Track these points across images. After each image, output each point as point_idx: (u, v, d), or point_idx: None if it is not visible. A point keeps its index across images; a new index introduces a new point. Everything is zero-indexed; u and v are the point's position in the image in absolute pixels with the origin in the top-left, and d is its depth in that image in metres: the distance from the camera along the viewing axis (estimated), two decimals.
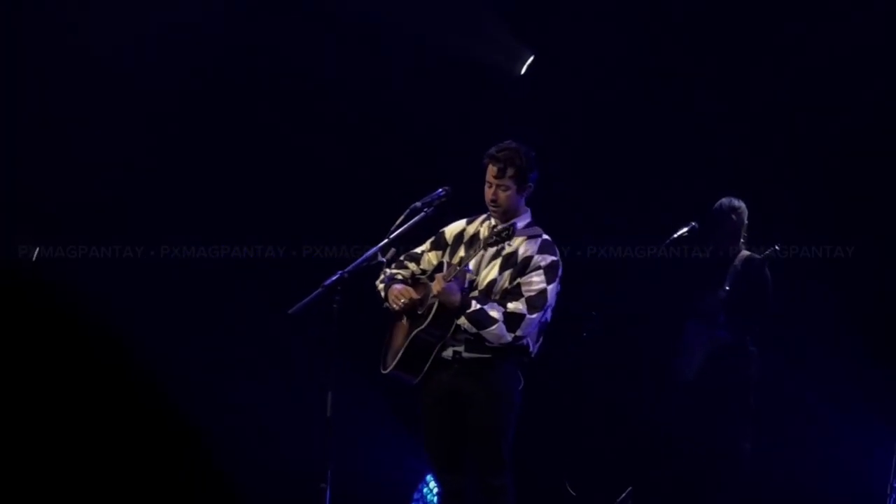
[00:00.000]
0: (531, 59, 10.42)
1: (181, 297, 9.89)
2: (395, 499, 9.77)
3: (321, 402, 6.88)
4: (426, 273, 7.12)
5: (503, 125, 9.65)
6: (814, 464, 9.71)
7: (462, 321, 6.80)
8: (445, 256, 7.09)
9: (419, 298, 6.96)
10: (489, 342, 6.82)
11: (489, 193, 7.00)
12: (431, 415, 7.00)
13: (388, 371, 7.02)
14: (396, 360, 6.96)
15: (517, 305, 6.82)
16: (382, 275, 7.14)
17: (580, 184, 10.18)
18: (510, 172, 6.94)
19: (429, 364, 6.91)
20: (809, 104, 10.06)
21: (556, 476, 9.81)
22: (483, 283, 6.93)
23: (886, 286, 9.91)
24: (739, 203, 9.61)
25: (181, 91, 9.92)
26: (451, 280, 6.81)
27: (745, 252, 9.59)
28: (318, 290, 6.86)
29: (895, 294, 9.87)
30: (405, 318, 7.01)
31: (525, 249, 6.94)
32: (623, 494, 9.48)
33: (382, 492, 9.72)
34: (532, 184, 7.02)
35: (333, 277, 6.86)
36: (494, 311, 6.81)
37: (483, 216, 7.15)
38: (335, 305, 6.86)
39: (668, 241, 9.40)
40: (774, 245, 9.36)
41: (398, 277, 7.11)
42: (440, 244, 7.17)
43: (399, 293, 7.00)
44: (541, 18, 10.36)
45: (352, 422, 8.07)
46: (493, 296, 6.89)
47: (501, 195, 6.96)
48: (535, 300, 6.85)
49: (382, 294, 7.10)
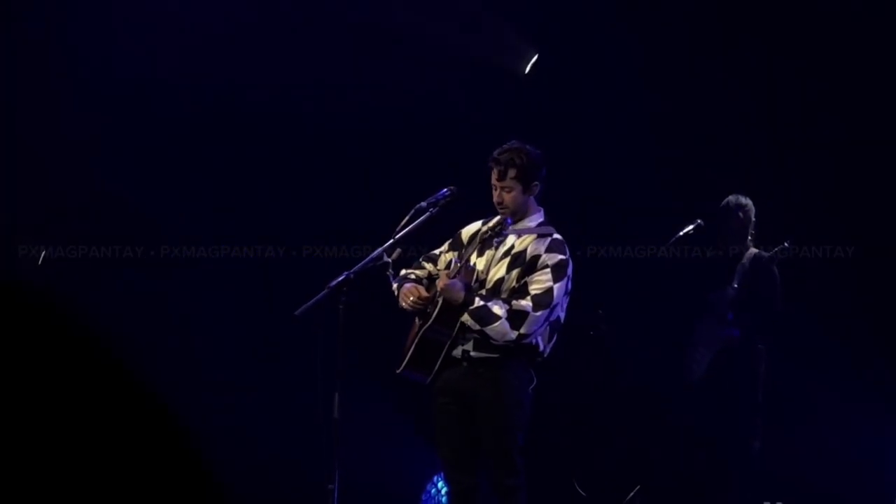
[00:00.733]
0: (535, 58, 10.42)
1: (181, 297, 9.90)
2: (403, 499, 9.77)
3: (328, 403, 6.87)
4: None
5: (509, 124, 9.64)
6: (823, 461, 9.69)
7: (465, 318, 6.80)
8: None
9: (428, 297, 6.96)
10: (493, 339, 6.81)
11: (495, 196, 7.01)
12: (441, 414, 6.99)
13: (400, 370, 7.02)
14: (407, 359, 6.97)
15: (522, 303, 6.82)
16: (401, 275, 7.15)
17: (588, 182, 10.18)
18: (512, 174, 6.93)
19: (440, 362, 6.91)
20: (810, 103, 10.03)
21: (566, 475, 9.80)
22: (491, 282, 6.94)
23: (888, 284, 9.89)
24: (746, 200, 9.60)
25: (181, 91, 9.93)
26: (455, 277, 6.81)
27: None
28: (324, 292, 6.86)
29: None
30: (417, 318, 7.02)
31: (534, 248, 6.94)
32: (632, 493, 9.47)
33: (390, 492, 9.72)
34: (539, 182, 7.01)
35: (339, 278, 6.85)
36: (498, 308, 6.81)
37: (498, 217, 7.14)
38: (341, 306, 6.86)
39: (674, 239, 9.40)
40: (784, 242, 9.35)
41: (411, 277, 7.12)
42: (457, 245, 7.18)
43: (408, 292, 7.00)
44: (544, 16, 10.35)
45: (359, 422, 8.07)
46: (501, 294, 6.89)
47: (506, 197, 6.97)
48: (541, 298, 6.84)
49: (396, 294, 7.10)
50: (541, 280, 6.88)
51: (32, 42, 9.83)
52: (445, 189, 7.08)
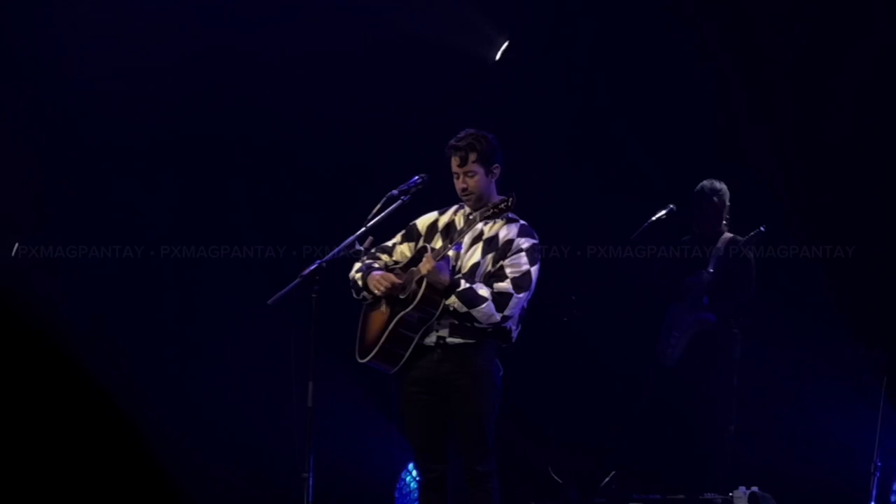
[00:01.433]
0: (506, 45, 10.42)
1: (180, 297, 9.90)
2: (378, 487, 9.77)
3: (302, 392, 6.86)
4: (399, 264, 7.10)
5: (480, 113, 9.66)
6: (798, 445, 9.72)
7: (452, 300, 6.78)
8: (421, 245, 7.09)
9: (401, 283, 6.95)
10: (478, 322, 6.81)
11: (459, 184, 7.00)
12: (413, 403, 6.97)
13: (367, 360, 7.00)
14: (377, 348, 6.92)
15: (504, 285, 6.83)
16: (357, 266, 7.12)
17: (560, 168, 10.17)
18: (473, 157, 6.95)
19: (409, 351, 6.90)
20: (810, 103, 10.02)
21: (541, 462, 9.81)
22: (466, 267, 6.93)
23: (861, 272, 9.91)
24: (721, 185, 9.62)
25: (181, 92, 9.92)
26: (441, 260, 6.80)
27: (729, 234, 9.60)
28: (297, 280, 6.87)
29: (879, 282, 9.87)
30: (385, 305, 6.99)
31: (506, 233, 6.95)
32: (607, 479, 9.49)
33: (365, 480, 9.73)
34: (499, 165, 7.03)
35: (311, 267, 6.86)
36: (483, 290, 6.81)
37: (454, 207, 7.14)
38: (314, 295, 6.86)
39: (646, 225, 9.41)
40: (760, 227, 9.37)
41: (375, 266, 7.09)
42: (412, 236, 7.16)
43: (381, 278, 6.98)
44: (515, 3, 10.35)
45: (334, 411, 8.07)
46: (478, 279, 6.89)
47: (471, 182, 6.97)
48: (521, 281, 6.86)
49: (360, 282, 7.05)
50: (517, 263, 6.89)
51: (30, 42, 9.81)
52: (416, 177, 7.09)
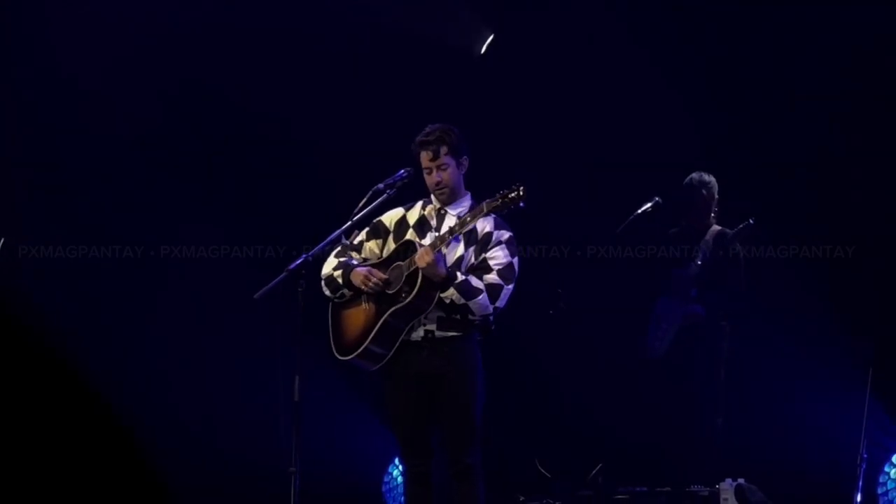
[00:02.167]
0: (491, 38, 10.40)
1: (180, 297, 9.88)
2: (365, 481, 9.77)
3: (288, 386, 6.85)
4: (368, 261, 7.07)
5: (466, 107, 9.64)
6: (785, 438, 9.73)
7: (450, 293, 6.78)
8: (389, 243, 7.06)
9: (388, 278, 6.93)
10: (472, 314, 6.83)
11: (432, 179, 7.00)
12: (399, 398, 6.97)
13: (351, 358, 6.96)
14: (363, 346, 6.89)
15: (493, 277, 6.86)
16: (331, 262, 7.07)
17: (547, 160, 10.16)
18: (444, 150, 6.96)
19: (396, 348, 6.88)
20: (810, 102, 10.02)
21: (528, 456, 9.81)
22: (451, 261, 6.90)
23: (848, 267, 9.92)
24: (710, 177, 9.61)
25: (181, 92, 9.92)
26: (436, 253, 6.79)
27: (717, 227, 9.60)
28: (283, 275, 6.86)
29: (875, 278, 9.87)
30: (366, 302, 6.96)
31: (483, 225, 6.95)
32: (594, 471, 9.49)
33: (352, 474, 9.73)
34: (467, 157, 7.04)
35: (298, 261, 6.85)
36: (477, 282, 6.83)
37: (420, 202, 7.14)
38: (300, 289, 6.84)
39: (633, 217, 9.40)
40: (749, 219, 9.37)
41: (354, 262, 7.05)
42: (378, 233, 7.14)
43: (368, 274, 6.94)
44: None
45: (320, 405, 8.06)
46: (463, 272, 6.88)
47: (444, 175, 6.98)
48: (506, 272, 6.89)
49: (340, 280, 7.01)
50: (499, 255, 6.92)
51: (28, 42, 9.79)
52: (402, 171, 7.08)
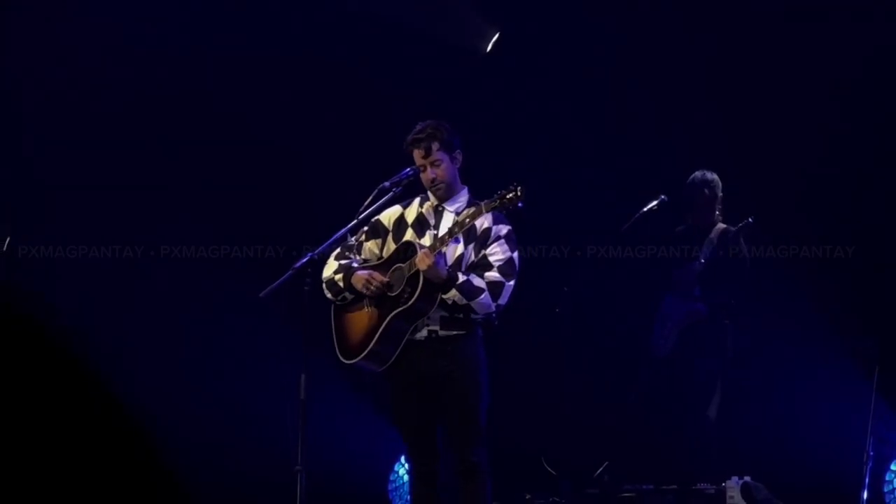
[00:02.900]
0: (497, 37, 10.40)
1: (179, 296, 9.89)
2: (371, 480, 9.78)
3: (294, 385, 6.86)
4: (368, 262, 7.07)
5: (469, 105, 9.65)
6: (791, 433, 9.73)
7: (452, 293, 6.76)
8: (388, 243, 7.05)
9: (389, 281, 6.92)
10: (475, 312, 6.82)
11: (427, 176, 6.99)
12: (404, 397, 6.96)
13: (356, 361, 6.95)
14: (368, 349, 6.88)
15: (494, 274, 6.84)
16: (332, 266, 7.07)
17: (550, 162, 10.17)
18: (436, 146, 6.95)
19: (400, 349, 6.87)
20: (809, 102, 10.01)
21: (534, 454, 9.82)
22: (452, 259, 6.90)
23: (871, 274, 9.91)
24: (713, 176, 9.62)
25: (181, 91, 9.93)
26: (437, 255, 6.78)
27: (721, 225, 9.60)
28: (288, 273, 6.85)
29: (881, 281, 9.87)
30: (368, 305, 6.96)
31: (482, 221, 6.91)
32: (600, 469, 9.49)
33: (358, 473, 9.73)
34: (460, 151, 7.02)
35: (303, 260, 6.84)
36: (478, 281, 6.82)
37: (417, 199, 7.13)
38: (306, 288, 6.84)
39: (638, 215, 9.40)
40: (748, 217, 9.37)
41: (354, 265, 7.04)
42: (378, 232, 7.13)
43: (369, 277, 6.94)
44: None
45: (326, 403, 8.06)
46: (464, 270, 6.86)
47: (439, 171, 6.97)
48: (506, 268, 6.87)
49: (341, 284, 7.01)
50: (499, 251, 6.90)
51: (27, 42, 9.80)
52: (408, 169, 7.05)
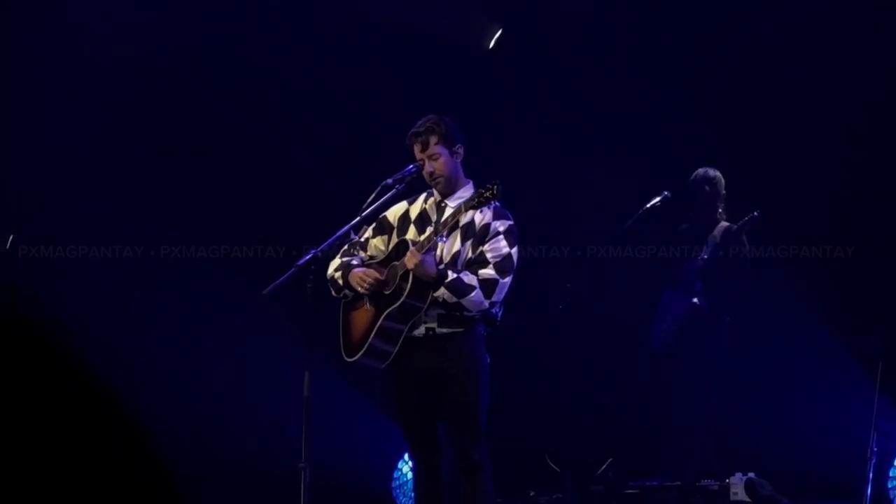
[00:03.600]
0: (499, 34, 10.40)
1: (179, 297, 9.89)
2: (375, 476, 9.78)
3: (298, 382, 6.86)
4: (374, 259, 7.07)
5: (472, 103, 9.65)
6: (795, 429, 9.72)
7: (441, 292, 6.74)
8: (394, 239, 7.04)
9: (384, 279, 6.92)
10: (468, 310, 6.79)
11: (426, 169, 6.96)
12: (405, 394, 6.96)
13: (356, 359, 6.96)
14: (366, 346, 6.88)
15: (488, 272, 6.80)
16: (334, 263, 7.08)
17: (556, 157, 10.16)
18: (434, 140, 6.92)
19: (398, 346, 6.87)
20: (810, 102, 10.00)
21: (538, 451, 9.82)
22: (448, 257, 6.88)
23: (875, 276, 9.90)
24: (714, 173, 9.61)
25: (181, 91, 9.93)
26: (426, 253, 6.77)
27: (724, 223, 9.60)
28: (292, 270, 6.84)
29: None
30: (368, 303, 6.96)
31: (481, 217, 6.88)
32: (604, 466, 9.50)
33: (362, 469, 9.73)
34: (461, 146, 6.99)
35: (307, 257, 6.83)
36: (470, 278, 6.78)
37: (424, 194, 7.12)
38: (309, 285, 6.84)
39: (641, 211, 9.41)
40: (753, 212, 9.37)
41: (354, 263, 7.04)
42: (384, 229, 7.11)
43: (364, 275, 6.93)
44: None
45: (330, 400, 8.06)
46: (460, 267, 6.85)
47: (437, 164, 6.93)
48: (503, 264, 6.83)
49: (340, 281, 7.01)
50: (497, 247, 6.85)
51: (25, 42, 9.80)
52: (412, 165, 7.02)
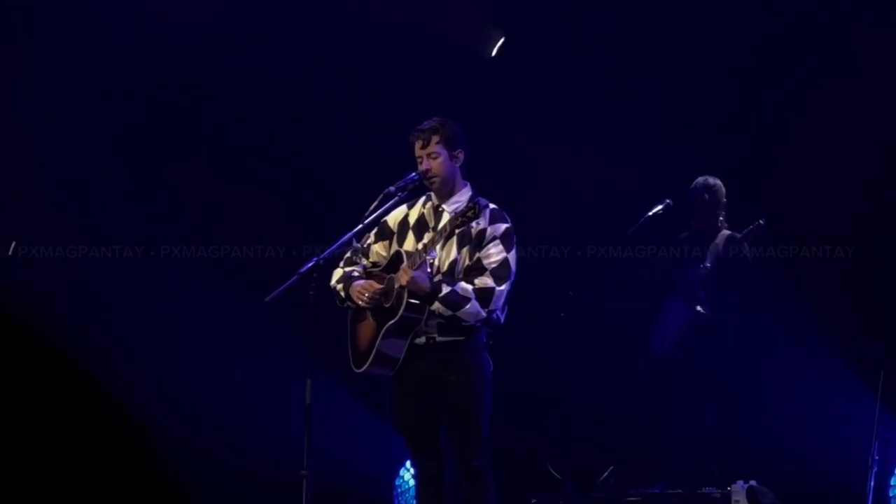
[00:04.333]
0: (502, 41, 10.40)
1: (179, 297, 9.89)
2: (376, 484, 9.78)
3: (300, 390, 6.87)
4: (377, 265, 7.08)
5: (477, 107, 9.64)
6: (796, 437, 9.72)
7: (436, 306, 6.72)
8: (394, 245, 7.05)
9: (384, 290, 6.92)
10: (465, 321, 6.78)
11: (423, 166, 6.94)
12: (406, 401, 6.96)
13: (364, 370, 6.96)
14: (371, 358, 6.89)
15: (484, 280, 6.78)
16: (337, 274, 7.09)
17: (557, 165, 10.16)
18: (435, 139, 6.91)
19: (404, 354, 6.86)
20: (808, 102, 10.01)
21: (539, 458, 9.82)
22: (445, 265, 6.87)
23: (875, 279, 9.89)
24: (714, 181, 9.60)
25: (181, 92, 9.94)
26: (418, 268, 6.76)
27: (727, 231, 9.59)
28: (294, 278, 6.84)
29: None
30: (370, 315, 6.96)
31: (477, 223, 6.83)
32: (605, 473, 9.49)
33: (364, 477, 9.73)
34: (462, 151, 6.97)
35: (309, 264, 6.83)
36: (465, 290, 6.77)
37: (422, 199, 7.11)
38: (311, 292, 6.84)
39: (643, 220, 9.39)
40: (759, 220, 9.37)
41: (355, 275, 7.04)
42: (385, 234, 7.10)
43: (362, 288, 6.93)
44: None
45: (332, 408, 8.07)
46: (457, 275, 6.84)
47: (434, 163, 6.92)
48: (500, 271, 6.81)
49: (342, 294, 7.02)
50: (494, 253, 6.83)
51: (25, 42, 9.81)
52: (414, 173, 7.02)
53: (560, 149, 10.17)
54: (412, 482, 9.51)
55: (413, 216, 7.08)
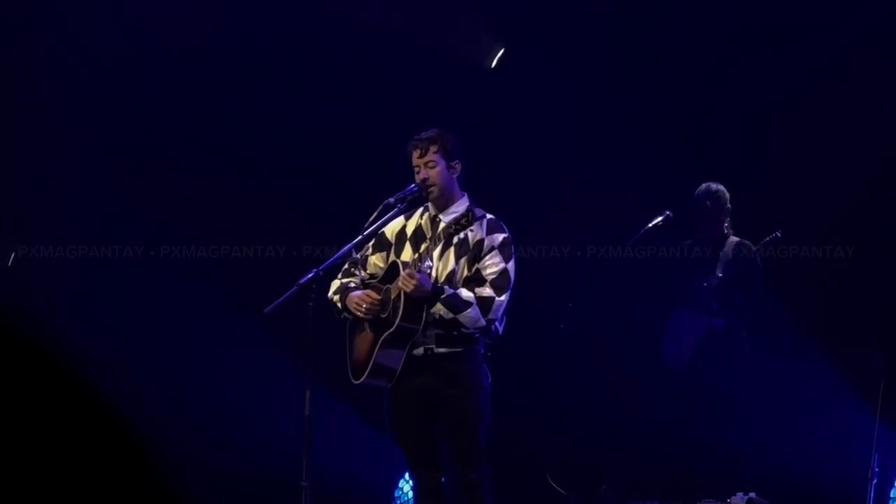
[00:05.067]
0: (502, 52, 10.41)
1: (179, 297, 9.88)
2: (376, 495, 9.77)
3: (300, 400, 6.86)
4: (375, 277, 7.08)
5: (477, 118, 9.65)
6: (795, 448, 9.70)
7: (438, 308, 6.72)
8: (391, 256, 7.04)
9: (380, 299, 6.92)
10: (465, 327, 6.77)
11: (420, 176, 6.95)
12: (406, 413, 6.96)
13: (362, 381, 6.96)
14: (369, 370, 6.89)
15: (484, 290, 6.78)
16: (334, 285, 7.09)
17: (558, 176, 10.17)
18: (433, 149, 6.91)
19: (401, 366, 6.86)
20: (808, 102, 10.01)
21: (539, 470, 9.81)
22: (443, 276, 6.87)
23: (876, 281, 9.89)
24: (717, 187, 9.50)
25: (181, 92, 9.93)
26: (420, 273, 6.76)
27: (735, 238, 9.51)
28: (294, 289, 6.83)
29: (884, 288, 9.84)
30: (368, 326, 6.96)
31: (475, 232, 6.86)
32: (604, 486, 9.48)
33: (363, 489, 9.72)
34: (459, 163, 6.97)
35: (308, 275, 6.82)
36: (467, 295, 6.78)
37: (419, 209, 7.11)
38: (311, 303, 6.84)
39: (643, 231, 9.37)
40: (776, 231, 9.35)
41: (352, 286, 7.04)
42: (382, 245, 7.10)
43: (360, 299, 6.93)
44: (511, 9, 10.34)
45: (331, 419, 8.06)
46: (456, 286, 6.84)
47: (431, 172, 6.91)
48: (499, 281, 6.81)
49: (339, 305, 7.02)
50: (493, 263, 6.83)
51: (25, 42, 9.81)
52: (413, 185, 7.02)
53: (560, 153, 10.18)
54: (411, 494, 9.50)
55: (410, 227, 7.08)
